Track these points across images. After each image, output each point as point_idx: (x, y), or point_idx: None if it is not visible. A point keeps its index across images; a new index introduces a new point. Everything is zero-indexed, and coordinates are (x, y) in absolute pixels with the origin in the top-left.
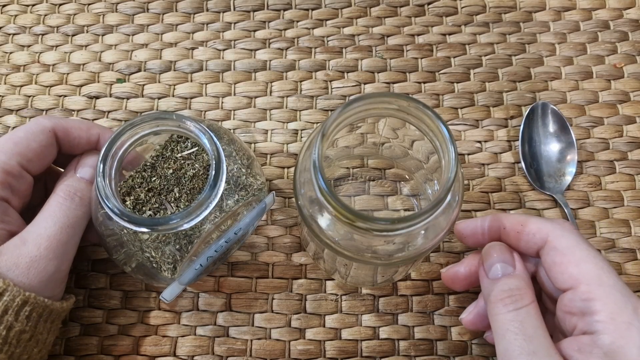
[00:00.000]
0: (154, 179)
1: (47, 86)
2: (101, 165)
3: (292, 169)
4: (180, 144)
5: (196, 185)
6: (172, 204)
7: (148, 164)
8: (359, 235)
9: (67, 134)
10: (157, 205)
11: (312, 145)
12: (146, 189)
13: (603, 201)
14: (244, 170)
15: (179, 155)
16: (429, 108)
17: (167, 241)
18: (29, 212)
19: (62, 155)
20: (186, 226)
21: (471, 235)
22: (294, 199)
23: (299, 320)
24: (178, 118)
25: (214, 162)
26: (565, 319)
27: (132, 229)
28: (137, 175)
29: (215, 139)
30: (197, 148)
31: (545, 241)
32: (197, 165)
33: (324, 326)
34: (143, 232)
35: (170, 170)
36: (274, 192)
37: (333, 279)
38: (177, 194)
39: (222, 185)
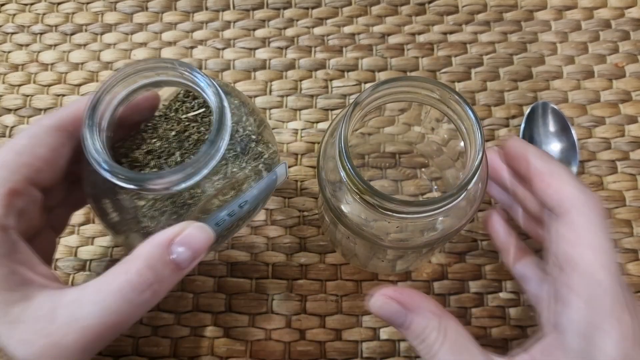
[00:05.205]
0: (155, 140)
1: (45, 85)
2: (89, 112)
3: (292, 169)
4: (187, 104)
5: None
6: (172, 169)
7: (150, 124)
8: (376, 214)
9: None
10: (155, 169)
11: (336, 127)
12: (145, 150)
13: (605, 201)
14: (254, 137)
15: (184, 116)
16: (456, 92)
17: (163, 210)
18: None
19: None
20: (183, 186)
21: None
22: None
23: (299, 322)
24: (182, 65)
25: (217, 113)
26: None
27: (120, 185)
28: (137, 136)
29: (221, 92)
30: (204, 110)
31: (562, 204)
32: (202, 128)
33: (324, 327)
34: (131, 189)
35: (173, 132)
36: (286, 162)
37: (334, 280)
38: (179, 159)
39: (225, 141)
